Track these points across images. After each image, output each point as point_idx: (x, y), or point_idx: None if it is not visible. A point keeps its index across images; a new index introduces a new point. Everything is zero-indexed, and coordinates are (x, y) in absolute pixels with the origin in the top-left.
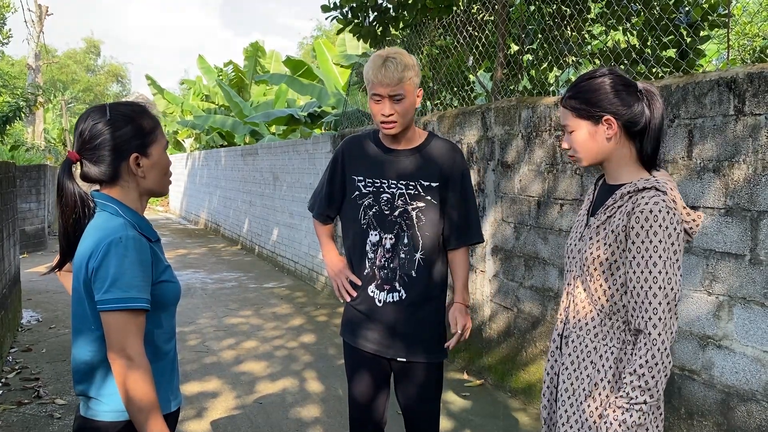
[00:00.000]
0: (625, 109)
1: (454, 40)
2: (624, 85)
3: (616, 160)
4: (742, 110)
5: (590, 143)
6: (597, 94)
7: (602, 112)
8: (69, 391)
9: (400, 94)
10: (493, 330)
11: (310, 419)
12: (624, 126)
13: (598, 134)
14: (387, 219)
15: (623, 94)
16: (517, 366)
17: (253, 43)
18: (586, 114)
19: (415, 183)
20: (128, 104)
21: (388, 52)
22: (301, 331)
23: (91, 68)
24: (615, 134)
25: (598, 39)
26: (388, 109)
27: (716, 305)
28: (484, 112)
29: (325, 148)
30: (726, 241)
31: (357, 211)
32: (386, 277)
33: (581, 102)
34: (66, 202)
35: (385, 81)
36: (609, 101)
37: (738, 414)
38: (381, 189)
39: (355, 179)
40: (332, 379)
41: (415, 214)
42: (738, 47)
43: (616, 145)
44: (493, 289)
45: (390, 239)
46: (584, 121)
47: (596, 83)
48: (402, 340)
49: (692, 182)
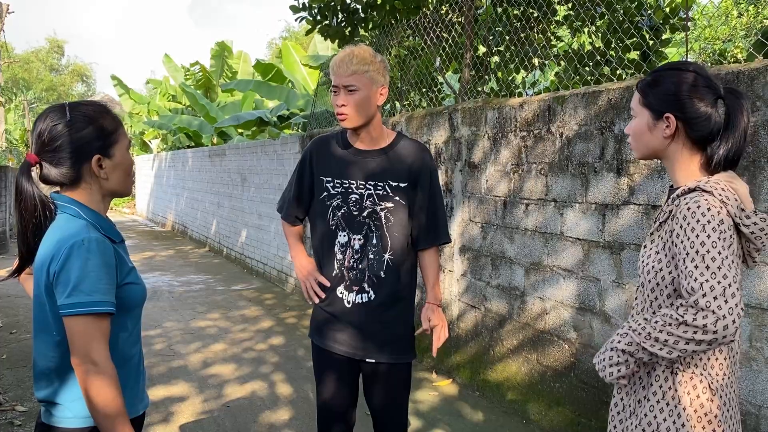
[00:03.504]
0: (692, 112)
1: (422, 41)
2: (705, 87)
3: (671, 161)
4: None
5: (646, 135)
6: (669, 88)
7: (666, 107)
8: (30, 397)
9: (353, 85)
10: (461, 329)
11: (279, 423)
12: (685, 129)
13: (657, 129)
14: (355, 220)
15: (697, 96)
16: (485, 365)
17: (220, 43)
18: (650, 104)
19: (384, 183)
20: (89, 103)
21: (353, 47)
22: (270, 334)
23: (55, 68)
24: (673, 134)
25: (563, 41)
26: (341, 99)
27: None
28: (451, 113)
29: (293, 149)
30: None
31: (325, 211)
32: (355, 278)
33: (651, 90)
34: (25, 206)
35: (339, 71)
36: (677, 99)
37: None
38: (349, 190)
39: (323, 180)
40: (301, 382)
41: (383, 214)
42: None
43: (676, 146)
44: (461, 288)
45: (359, 240)
46: (647, 111)
47: (676, 76)
48: (371, 341)
49: (653, 181)
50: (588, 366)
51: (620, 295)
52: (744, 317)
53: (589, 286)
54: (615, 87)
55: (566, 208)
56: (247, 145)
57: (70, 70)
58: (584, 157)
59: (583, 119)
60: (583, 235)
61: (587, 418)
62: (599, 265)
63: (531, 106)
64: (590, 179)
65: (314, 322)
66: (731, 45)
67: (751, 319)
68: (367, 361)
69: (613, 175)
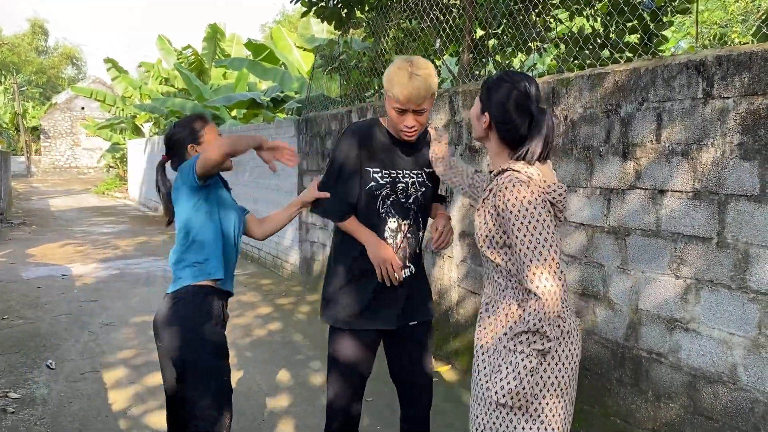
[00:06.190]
0: (501, 117)
1: (420, 23)
2: (522, 102)
3: (489, 148)
4: (710, 93)
5: (475, 122)
6: (494, 95)
7: (486, 108)
8: (23, 383)
9: (424, 108)
10: (460, 315)
11: (279, 409)
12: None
13: (480, 121)
14: (403, 206)
15: (512, 108)
16: None
17: (212, 25)
18: (482, 100)
19: (421, 171)
20: (184, 117)
21: (411, 65)
22: (267, 320)
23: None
24: (488, 129)
25: (563, 24)
26: (411, 121)
27: (684, 288)
28: (451, 96)
29: (288, 133)
30: (693, 224)
31: (374, 200)
32: (403, 259)
33: (487, 91)
34: (164, 188)
35: (412, 99)
36: (496, 104)
37: (704, 396)
38: (397, 179)
39: (370, 171)
40: (300, 368)
41: (422, 199)
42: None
43: (492, 136)
44: (461, 274)
45: (407, 225)
46: (479, 104)
47: (505, 87)
48: (412, 306)
49: (660, 166)
50: (591, 353)
51: (625, 281)
52: (753, 303)
53: (592, 271)
54: (621, 69)
55: (570, 193)
56: (240, 129)
57: (60, 53)
58: (589, 141)
59: (588, 102)
60: (587, 220)
61: (590, 405)
62: (603, 251)
63: None
64: (595, 163)
65: (344, 308)
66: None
67: (761, 305)
68: (409, 325)
69: (619, 159)
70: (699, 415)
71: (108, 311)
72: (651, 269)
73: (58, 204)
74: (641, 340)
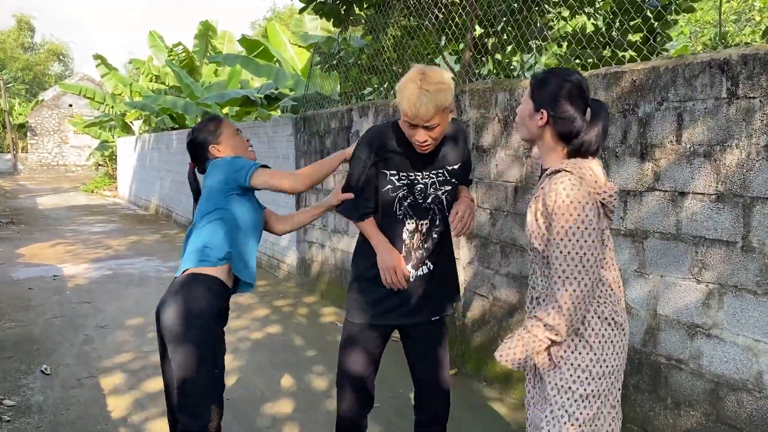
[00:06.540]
0: (560, 112)
1: (420, 21)
2: (578, 95)
3: (543, 146)
4: (735, 93)
5: (526, 121)
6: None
7: (542, 104)
8: (18, 390)
9: (434, 124)
10: (467, 318)
11: (282, 415)
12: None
13: (533, 119)
14: (421, 207)
15: (568, 101)
16: (492, 355)
17: (204, 22)
18: (534, 97)
19: (442, 170)
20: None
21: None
22: (265, 323)
23: (28, 46)
24: (544, 126)
25: (567, 23)
26: (422, 136)
27: (706, 293)
28: (458, 95)
29: (286, 131)
30: (717, 227)
31: (391, 202)
32: (421, 257)
33: (538, 87)
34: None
35: (420, 115)
36: (553, 99)
37: (728, 404)
38: (414, 181)
39: (387, 173)
40: (301, 373)
41: (444, 197)
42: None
43: (546, 135)
44: (468, 276)
45: (425, 225)
46: (531, 103)
47: (558, 82)
48: (431, 303)
49: (680, 167)
50: None
51: (642, 286)
52: None
53: None
54: (639, 68)
55: None
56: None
57: (46, 49)
58: (605, 142)
59: (603, 101)
60: None
61: None
62: (620, 254)
63: None
64: (611, 164)
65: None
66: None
67: None
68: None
69: (637, 160)
70: (722, 424)
71: (102, 313)
72: (670, 273)
73: (47, 202)
74: (659, 346)
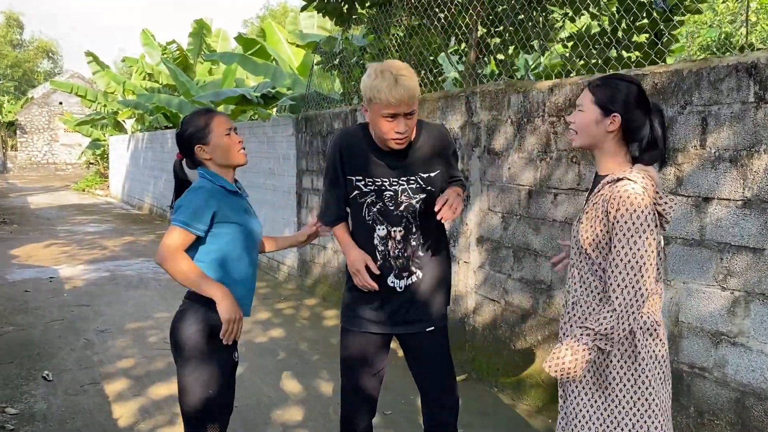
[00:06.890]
0: (633, 117)
1: (422, 21)
2: (644, 100)
3: (604, 152)
4: (763, 97)
5: (591, 128)
6: (621, 94)
7: (615, 108)
8: (20, 397)
9: (414, 110)
10: (477, 323)
11: (293, 423)
12: (624, 129)
13: (602, 124)
14: (392, 214)
15: (638, 106)
16: (505, 360)
17: (198, 20)
18: (600, 103)
19: (415, 177)
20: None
21: (392, 68)
22: (268, 326)
23: (16, 43)
24: (614, 131)
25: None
26: (403, 126)
27: (731, 301)
28: (468, 97)
29: (286, 131)
30: (743, 234)
31: (360, 208)
32: (402, 266)
33: (604, 93)
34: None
35: (404, 100)
36: (625, 103)
37: (755, 413)
38: (382, 187)
39: (353, 179)
40: (309, 378)
41: (419, 206)
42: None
43: (612, 140)
44: (479, 280)
45: (399, 231)
46: (597, 108)
47: (626, 86)
48: (425, 312)
49: (705, 172)
50: None
51: (664, 292)
52: None
53: None
54: (661, 71)
55: None
56: None
57: (35, 46)
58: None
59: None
60: None
61: None
62: None
63: (563, 90)
64: None
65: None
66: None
67: None
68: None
69: (657, 164)
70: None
71: (102, 317)
72: (693, 280)
73: (38, 201)
74: (682, 354)
